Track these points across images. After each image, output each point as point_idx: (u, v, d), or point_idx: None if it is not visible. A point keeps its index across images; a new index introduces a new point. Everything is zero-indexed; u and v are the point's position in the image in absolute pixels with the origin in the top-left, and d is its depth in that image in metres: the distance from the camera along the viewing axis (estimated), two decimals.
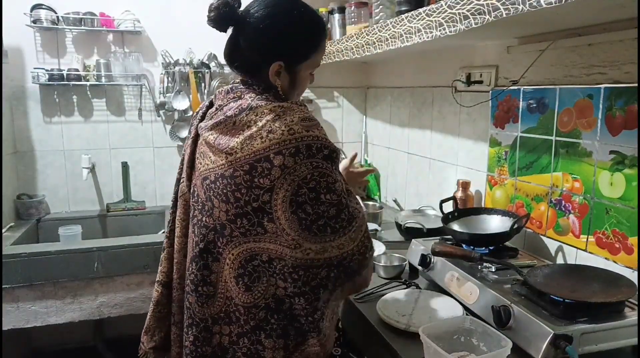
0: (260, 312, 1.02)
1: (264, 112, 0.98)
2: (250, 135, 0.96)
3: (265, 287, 1.01)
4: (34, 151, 2.43)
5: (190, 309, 1.09)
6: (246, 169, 0.96)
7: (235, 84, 1.10)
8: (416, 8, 1.45)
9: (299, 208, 0.96)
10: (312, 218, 0.96)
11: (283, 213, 0.96)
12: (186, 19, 2.52)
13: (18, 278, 1.90)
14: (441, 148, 2.12)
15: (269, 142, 0.95)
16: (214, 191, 1.01)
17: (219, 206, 1.00)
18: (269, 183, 0.95)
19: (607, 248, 1.32)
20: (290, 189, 0.95)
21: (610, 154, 1.29)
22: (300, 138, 0.95)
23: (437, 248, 1.39)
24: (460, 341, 1.13)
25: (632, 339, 1.06)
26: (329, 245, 0.98)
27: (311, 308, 1.02)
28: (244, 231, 0.99)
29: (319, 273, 1.00)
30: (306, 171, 0.94)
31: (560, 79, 1.46)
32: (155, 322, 1.24)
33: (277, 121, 0.96)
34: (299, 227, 0.96)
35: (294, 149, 0.94)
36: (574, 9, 1.06)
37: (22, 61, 2.34)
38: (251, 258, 1.01)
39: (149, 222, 2.55)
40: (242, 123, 0.99)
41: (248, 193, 0.96)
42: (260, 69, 1.05)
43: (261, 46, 1.03)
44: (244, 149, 0.96)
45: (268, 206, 0.96)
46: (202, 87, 2.56)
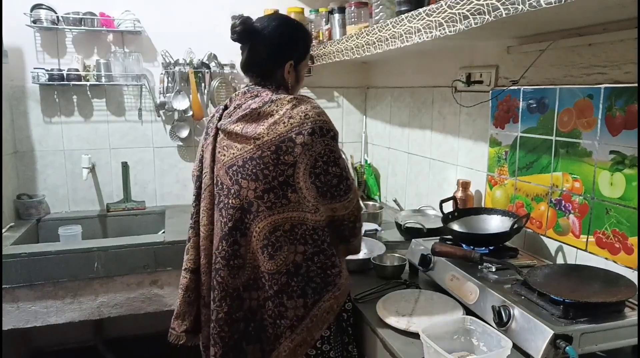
0: (282, 277, 1.20)
1: (283, 103, 1.21)
2: (274, 121, 1.18)
3: (286, 255, 1.20)
4: (34, 151, 2.43)
5: (223, 283, 1.25)
6: (273, 150, 1.16)
7: (250, 86, 1.32)
8: (416, 8, 1.45)
9: (317, 178, 1.18)
10: (327, 186, 1.19)
11: (304, 183, 1.17)
12: (186, 19, 2.52)
13: (18, 278, 1.90)
14: (441, 148, 2.12)
15: (290, 126, 1.17)
16: (241, 174, 1.20)
17: (247, 186, 1.20)
18: (293, 158, 1.16)
19: (607, 248, 1.32)
20: (310, 163, 1.17)
21: (610, 154, 1.29)
22: (314, 121, 1.17)
23: (437, 248, 1.39)
24: (460, 341, 1.13)
25: (632, 339, 1.06)
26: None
27: (329, 262, 1.22)
28: (270, 204, 1.18)
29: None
30: (320, 147, 1.17)
31: (560, 79, 1.46)
32: (185, 306, 1.37)
33: (295, 108, 1.19)
34: (317, 193, 1.18)
35: (310, 130, 1.16)
36: (574, 9, 1.06)
37: (22, 61, 2.34)
38: (274, 229, 1.19)
39: (149, 222, 2.56)
40: (265, 113, 1.20)
41: (275, 169, 1.16)
42: (275, 69, 1.30)
43: (278, 51, 1.30)
44: (269, 133, 1.17)
45: (291, 179, 1.17)
46: (202, 87, 2.56)
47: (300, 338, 1.22)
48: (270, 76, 1.31)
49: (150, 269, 2.05)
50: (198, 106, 2.52)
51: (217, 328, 1.26)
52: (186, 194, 2.69)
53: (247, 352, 1.28)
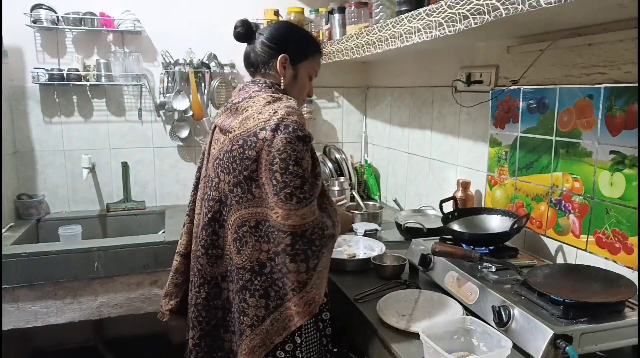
0: (246, 273, 1.20)
1: (259, 99, 1.23)
2: (246, 116, 1.21)
3: (250, 251, 1.20)
4: (34, 151, 2.43)
5: (202, 270, 1.29)
6: (240, 144, 1.18)
7: (246, 84, 1.34)
8: (416, 8, 1.45)
9: (273, 175, 1.13)
10: (281, 186, 1.12)
11: (266, 179, 1.15)
12: (186, 19, 2.52)
13: (18, 278, 1.90)
14: (441, 148, 2.12)
15: (258, 121, 1.17)
16: (221, 167, 1.23)
17: (224, 179, 1.23)
18: (255, 154, 1.16)
19: (607, 248, 1.32)
20: (269, 158, 1.14)
21: (610, 154, 1.29)
22: (281, 118, 1.15)
23: (437, 248, 1.39)
24: (460, 341, 1.13)
25: (632, 339, 1.06)
26: (295, 213, 1.12)
27: (285, 270, 1.16)
28: (238, 199, 1.20)
29: (284, 238, 1.14)
30: (280, 144, 1.13)
31: (560, 79, 1.46)
32: (173, 287, 1.43)
33: (267, 105, 1.20)
34: (272, 192, 1.14)
35: (274, 126, 1.15)
36: (574, 9, 1.06)
37: (22, 61, 2.34)
38: (242, 224, 1.20)
39: (149, 222, 2.55)
40: (242, 108, 1.24)
41: (241, 164, 1.17)
42: (269, 63, 1.31)
43: (271, 43, 1.31)
44: (240, 127, 1.20)
45: (255, 174, 1.16)
46: (202, 87, 2.56)
47: (258, 340, 1.21)
48: (265, 71, 1.33)
49: (150, 269, 2.05)
50: (198, 106, 2.52)
51: (196, 312, 1.31)
52: (186, 194, 2.66)
53: (223, 339, 1.32)
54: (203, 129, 2.65)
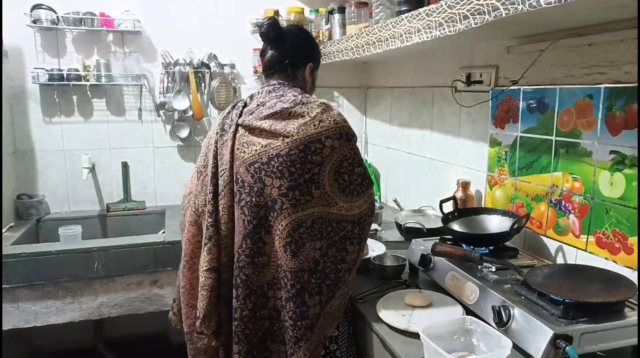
0: (304, 275, 1.22)
1: (313, 107, 1.27)
2: (304, 122, 1.23)
3: (308, 252, 1.22)
4: (34, 151, 2.43)
5: (248, 281, 1.26)
6: (301, 149, 1.21)
7: (276, 86, 1.37)
8: (416, 8, 1.45)
9: (340, 177, 1.24)
10: (347, 184, 1.25)
11: (328, 181, 1.23)
12: (186, 19, 2.52)
13: (18, 278, 1.90)
14: (441, 148, 2.12)
15: (320, 129, 1.23)
16: (265, 172, 1.23)
17: (271, 184, 1.22)
18: (320, 159, 1.22)
19: (607, 248, 1.32)
20: (336, 163, 1.23)
21: (610, 154, 1.29)
22: (342, 127, 1.27)
23: (437, 248, 1.39)
24: (460, 341, 1.13)
25: (632, 339, 1.06)
26: (354, 204, 1.25)
27: (340, 256, 1.24)
28: (294, 202, 1.21)
29: (346, 226, 1.25)
30: (347, 150, 1.25)
31: (560, 79, 1.46)
32: (212, 307, 1.31)
33: (324, 113, 1.26)
34: (337, 189, 1.24)
35: (338, 135, 1.25)
36: (574, 9, 1.06)
37: (22, 61, 2.34)
38: (298, 226, 1.21)
39: (149, 222, 2.56)
40: (296, 113, 1.25)
41: (302, 167, 1.21)
42: (299, 68, 1.41)
43: (302, 51, 1.42)
44: (299, 132, 1.22)
45: (317, 177, 1.22)
46: (202, 87, 2.56)
47: (316, 338, 1.22)
48: (294, 77, 1.40)
49: (150, 269, 2.05)
50: (198, 106, 2.52)
51: (242, 325, 1.26)
52: None
53: (271, 350, 1.28)
54: (203, 129, 2.65)
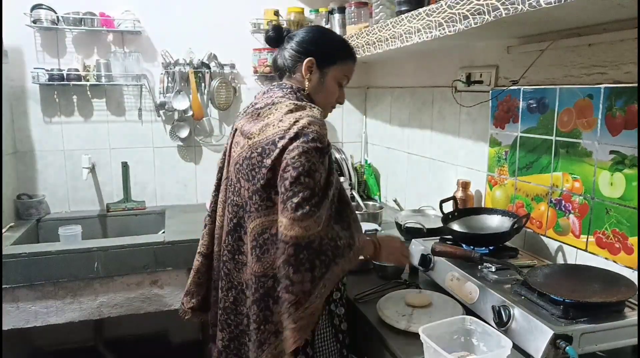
0: (268, 281, 1.16)
1: (282, 107, 1.20)
2: (266, 123, 1.18)
3: (272, 258, 1.15)
4: (34, 151, 2.43)
5: (230, 275, 1.29)
6: (259, 151, 1.17)
7: (271, 87, 1.32)
8: (416, 8, 1.45)
9: (282, 183, 1.10)
10: (289, 194, 1.08)
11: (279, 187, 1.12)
12: (186, 19, 2.52)
13: (18, 278, 1.90)
14: (441, 148, 2.12)
15: (278, 129, 1.15)
16: (241, 173, 1.22)
17: (244, 186, 1.21)
18: (271, 162, 1.13)
19: (607, 248, 1.32)
20: (282, 165, 1.11)
21: (610, 154, 1.29)
22: (302, 127, 1.12)
23: (437, 248, 1.39)
24: (460, 341, 1.13)
25: (632, 339, 1.06)
26: (297, 223, 1.06)
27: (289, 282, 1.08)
28: (257, 206, 1.18)
29: (287, 249, 1.07)
30: (296, 152, 1.09)
31: (560, 79, 1.46)
32: (194, 286, 1.44)
33: (289, 114, 1.17)
34: (280, 200, 1.10)
35: (294, 135, 1.11)
36: (574, 9, 1.06)
37: (22, 61, 2.34)
38: (262, 231, 1.17)
39: (149, 222, 2.55)
40: (264, 114, 1.22)
41: (259, 171, 1.16)
42: (296, 66, 1.29)
43: (299, 46, 1.29)
44: (260, 134, 1.18)
45: (272, 182, 1.14)
46: (202, 87, 2.56)
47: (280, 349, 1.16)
48: (291, 75, 1.31)
49: (150, 269, 2.05)
50: (198, 106, 2.52)
51: (225, 315, 1.30)
52: (186, 194, 2.69)
53: (248, 347, 1.28)
54: (203, 129, 2.65)
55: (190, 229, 2.19)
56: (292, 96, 1.25)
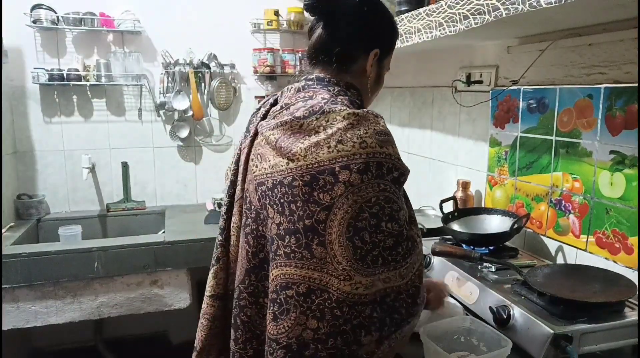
0: (279, 350, 0.90)
1: (336, 119, 0.87)
2: (317, 142, 0.86)
3: (292, 324, 0.89)
4: (34, 151, 2.43)
5: (250, 323, 1.00)
6: (306, 180, 0.86)
7: (309, 82, 1.00)
8: (416, 8, 1.45)
9: (357, 235, 0.84)
10: (368, 248, 0.85)
11: (337, 238, 0.85)
12: (186, 19, 2.52)
13: (18, 278, 1.90)
14: (441, 148, 2.12)
15: (337, 153, 0.84)
16: (270, 199, 0.92)
17: (272, 217, 0.91)
18: (329, 199, 0.84)
19: (607, 248, 1.32)
20: (351, 211, 0.84)
21: (610, 154, 1.29)
22: (372, 154, 0.85)
23: (437, 248, 1.39)
24: (460, 341, 1.13)
25: (632, 339, 1.06)
26: (377, 277, 0.86)
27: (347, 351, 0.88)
28: (289, 251, 0.88)
29: (364, 310, 0.87)
30: (372, 193, 0.84)
31: (560, 79, 1.46)
32: (211, 339, 1.10)
33: (350, 130, 0.86)
34: (353, 256, 0.85)
35: (363, 166, 0.84)
36: (574, 9, 1.06)
37: (22, 61, 2.34)
38: (286, 285, 0.89)
39: (149, 222, 2.56)
40: (310, 127, 0.89)
41: (303, 207, 0.86)
42: (356, 57, 1.00)
43: (364, 30, 0.99)
44: (307, 157, 0.86)
45: (322, 227, 0.85)
46: (202, 87, 2.56)
47: None
48: (347, 68, 1.00)
49: (150, 269, 2.05)
50: (198, 106, 2.52)
51: None
52: (186, 194, 2.69)
53: None
54: (203, 129, 2.65)
55: (191, 229, 2.19)
56: (345, 99, 0.94)
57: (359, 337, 0.88)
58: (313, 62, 1.02)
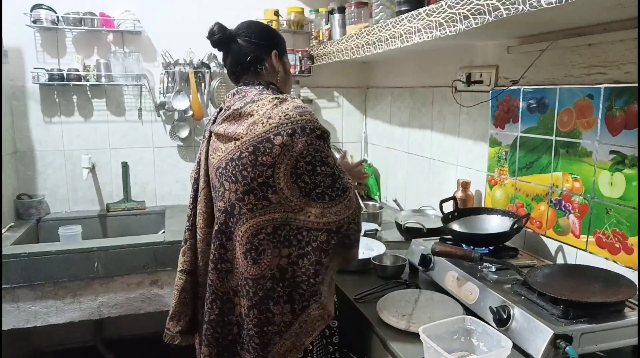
0: (267, 282, 1.16)
1: (264, 103, 1.18)
2: (253, 121, 1.15)
3: (270, 259, 1.15)
4: (34, 151, 2.43)
5: (213, 286, 1.24)
6: (250, 151, 1.13)
7: (239, 87, 1.30)
8: (416, 8, 1.45)
9: (299, 178, 1.13)
10: (311, 187, 1.13)
11: (285, 184, 1.12)
12: (186, 19, 2.52)
13: (18, 278, 1.90)
14: (441, 148, 2.12)
15: (269, 126, 1.13)
16: (225, 176, 1.18)
17: (229, 188, 1.17)
18: (271, 159, 1.11)
19: (607, 248, 1.32)
20: (290, 163, 1.12)
21: (610, 154, 1.29)
22: (295, 121, 1.13)
23: (437, 248, 1.39)
24: (460, 341, 1.13)
25: (632, 339, 1.06)
26: (327, 210, 1.14)
27: (312, 269, 1.15)
28: (250, 207, 1.14)
29: (319, 236, 1.14)
30: (302, 147, 1.12)
31: (560, 79, 1.46)
32: (181, 307, 1.35)
33: (275, 108, 1.15)
34: (300, 194, 1.13)
35: (290, 131, 1.12)
36: (574, 9, 1.06)
37: (22, 61, 2.34)
38: (257, 232, 1.15)
39: (149, 222, 2.55)
40: (246, 113, 1.18)
41: (253, 171, 1.12)
42: (262, 61, 1.31)
43: (262, 40, 1.31)
44: (248, 133, 1.14)
45: (271, 180, 1.12)
46: (202, 87, 2.56)
47: (289, 343, 1.18)
48: (260, 69, 1.31)
49: (150, 269, 2.05)
50: (198, 106, 2.52)
51: (210, 329, 1.25)
52: (186, 194, 2.66)
53: (241, 355, 1.26)
54: (203, 129, 2.65)
55: None
56: (267, 91, 1.25)
57: (320, 258, 1.15)
58: (236, 76, 1.34)
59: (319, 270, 1.16)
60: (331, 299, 1.23)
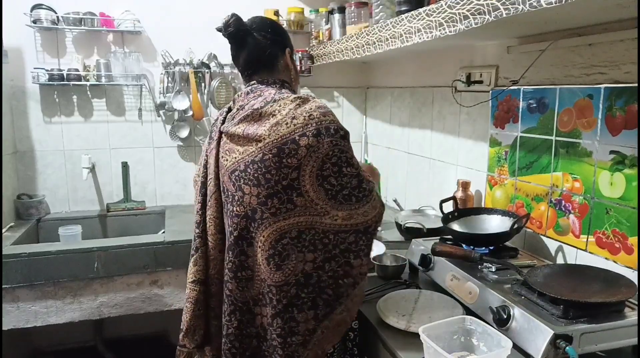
0: (291, 289, 1.12)
1: (286, 102, 1.13)
2: (276, 122, 1.10)
3: (294, 264, 1.11)
4: (34, 151, 2.43)
5: (231, 296, 1.19)
6: (275, 152, 1.08)
7: (253, 85, 1.24)
8: (416, 8, 1.45)
9: (325, 181, 1.09)
10: (337, 189, 1.10)
11: (311, 186, 1.09)
12: (186, 19, 2.52)
13: (18, 278, 1.90)
14: (441, 148, 2.12)
15: (294, 127, 1.09)
16: (244, 179, 1.12)
17: (249, 192, 1.12)
18: (297, 161, 1.08)
19: (607, 248, 1.32)
20: (316, 165, 1.08)
21: (610, 154, 1.29)
22: (319, 121, 1.10)
23: (437, 248, 1.39)
24: (460, 341, 1.13)
25: (632, 339, 1.06)
26: (355, 212, 1.12)
27: (342, 271, 1.13)
28: (274, 211, 1.10)
29: (347, 237, 1.12)
30: (328, 148, 1.09)
31: (560, 79, 1.46)
32: (196, 320, 1.28)
33: (299, 108, 1.11)
34: (326, 196, 1.10)
35: (315, 131, 1.08)
36: (574, 9, 1.06)
37: (22, 61, 2.34)
38: (281, 236, 1.10)
39: (149, 222, 2.56)
40: (267, 113, 1.13)
41: (278, 173, 1.08)
42: (277, 60, 1.27)
43: (276, 40, 1.27)
44: (271, 134, 1.09)
45: (296, 183, 1.08)
46: (202, 87, 2.56)
47: (312, 354, 1.15)
48: (273, 70, 1.27)
49: (150, 269, 2.05)
50: (198, 106, 2.52)
51: (228, 343, 1.20)
52: (186, 194, 2.69)
53: None
54: (203, 129, 2.65)
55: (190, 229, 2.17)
56: (286, 91, 1.22)
57: (349, 259, 1.13)
58: (250, 72, 1.27)
59: (349, 271, 1.14)
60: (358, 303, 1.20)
